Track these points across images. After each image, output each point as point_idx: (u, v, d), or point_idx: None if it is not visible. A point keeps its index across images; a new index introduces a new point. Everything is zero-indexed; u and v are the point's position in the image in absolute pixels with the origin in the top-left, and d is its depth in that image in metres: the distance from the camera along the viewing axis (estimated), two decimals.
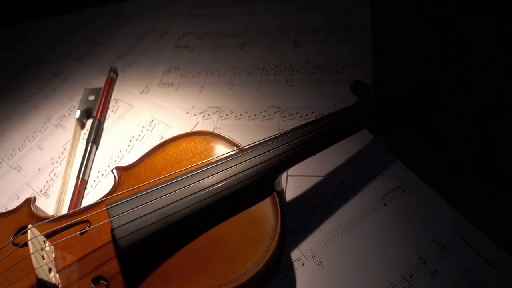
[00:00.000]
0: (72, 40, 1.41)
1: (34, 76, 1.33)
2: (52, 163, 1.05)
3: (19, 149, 1.12)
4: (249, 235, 0.69)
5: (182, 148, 0.82)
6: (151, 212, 0.69)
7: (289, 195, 0.84)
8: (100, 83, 1.18)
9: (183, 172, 0.75)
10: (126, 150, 1.02)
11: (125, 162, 0.99)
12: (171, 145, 0.84)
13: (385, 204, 0.78)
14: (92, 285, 0.67)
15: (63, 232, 0.73)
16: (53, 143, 1.10)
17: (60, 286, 0.67)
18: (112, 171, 0.81)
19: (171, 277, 0.66)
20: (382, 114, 0.82)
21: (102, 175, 0.99)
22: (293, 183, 0.85)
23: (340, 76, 1.01)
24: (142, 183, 0.76)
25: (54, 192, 0.98)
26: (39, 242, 0.68)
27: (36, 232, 0.70)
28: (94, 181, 0.98)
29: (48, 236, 0.73)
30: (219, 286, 0.64)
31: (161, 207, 0.69)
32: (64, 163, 1.04)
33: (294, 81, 1.03)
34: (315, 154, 0.78)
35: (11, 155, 1.11)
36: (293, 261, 0.76)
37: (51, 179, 1.02)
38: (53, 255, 0.70)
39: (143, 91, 1.15)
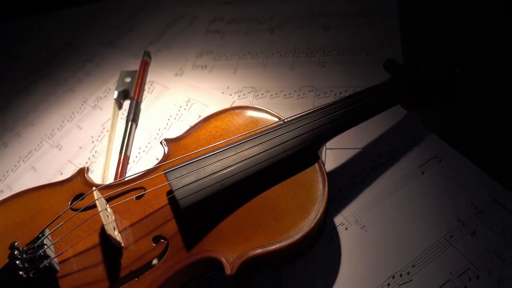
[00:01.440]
0: (102, 27, 1.46)
1: (67, 62, 1.37)
2: (93, 141, 1.09)
3: (58, 129, 1.16)
4: (299, 198, 0.73)
5: (227, 120, 0.86)
6: (208, 175, 0.73)
7: (328, 167, 0.88)
8: (134, 67, 1.22)
9: (232, 141, 0.79)
10: (165, 128, 1.06)
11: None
12: (216, 118, 0.88)
13: (423, 173, 0.83)
14: (153, 244, 0.71)
15: (120, 197, 0.78)
16: (92, 123, 1.14)
17: (122, 244, 0.71)
18: (161, 142, 0.85)
19: (227, 237, 0.70)
20: (414, 90, 0.86)
21: (143, 151, 1.03)
22: (332, 155, 0.89)
23: (371, 57, 1.05)
24: (192, 152, 0.80)
25: (97, 168, 1.02)
26: (103, 204, 0.72)
27: (99, 195, 0.74)
28: (136, 157, 1.02)
29: (107, 201, 0.77)
30: (272, 244, 0.68)
31: (217, 171, 0.73)
32: (104, 141, 1.08)
33: (326, 62, 1.08)
34: (354, 126, 0.82)
35: (51, 134, 1.15)
36: (336, 226, 0.80)
37: (93, 155, 1.06)
38: (113, 218, 0.74)
39: (177, 74, 1.19)
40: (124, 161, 1.00)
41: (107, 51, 1.35)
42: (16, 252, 0.67)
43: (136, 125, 1.09)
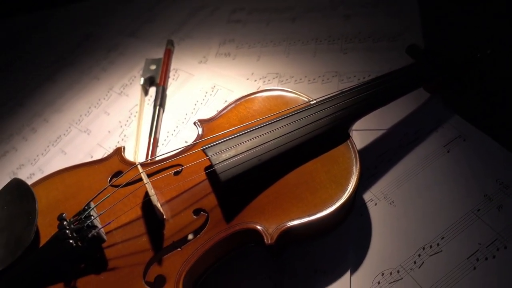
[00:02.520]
0: (123, 18, 1.49)
1: (90, 51, 1.40)
2: (121, 126, 1.12)
3: (85, 114, 1.19)
4: (332, 173, 0.76)
5: (258, 102, 0.89)
6: (246, 150, 0.76)
7: None
8: (157, 55, 1.25)
9: (264, 120, 0.82)
10: (192, 113, 1.09)
11: (191, 124, 1.07)
12: (247, 100, 0.91)
13: (448, 151, 0.86)
14: (194, 216, 0.74)
15: (158, 174, 0.80)
16: (119, 109, 1.17)
17: (165, 217, 0.74)
18: (194, 123, 0.88)
19: (265, 209, 0.73)
20: (436, 74, 0.90)
21: (172, 134, 1.06)
22: (358, 136, 0.92)
23: (392, 44, 1.08)
24: (227, 130, 0.83)
25: (127, 151, 1.04)
26: (146, 178, 0.75)
27: (142, 169, 0.77)
28: (165, 140, 1.05)
29: (148, 176, 0.80)
30: (309, 215, 0.71)
31: (255, 147, 0.76)
32: (132, 125, 1.11)
33: (348, 49, 1.11)
34: (381, 107, 0.85)
35: (79, 120, 1.18)
36: (366, 201, 0.83)
37: (122, 139, 1.09)
38: (154, 192, 0.77)
39: (201, 61, 1.22)
40: (154, 143, 1.03)
41: (130, 40, 1.38)
42: (65, 223, 0.70)
43: (163, 110, 1.12)
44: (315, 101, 0.85)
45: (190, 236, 0.73)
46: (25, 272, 0.69)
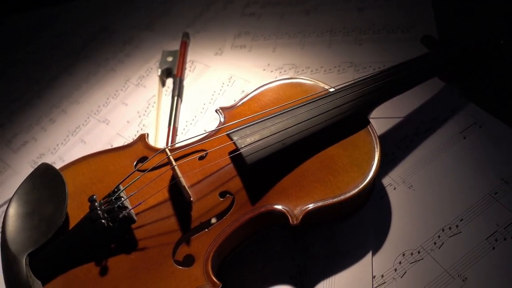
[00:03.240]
0: (138, 12, 1.51)
1: (106, 44, 1.42)
2: (140, 116, 1.14)
3: (104, 105, 1.21)
4: (354, 157, 0.78)
5: (278, 90, 0.91)
6: (270, 135, 0.78)
7: None
8: (173, 47, 1.28)
9: (287, 106, 0.84)
10: (209, 103, 1.11)
11: (210, 114, 1.09)
12: (267, 89, 0.93)
13: (464, 138, 0.88)
14: (220, 198, 0.76)
15: (183, 158, 0.82)
16: (136, 99, 1.19)
17: (192, 199, 0.76)
18: (216, 110, 0.90)
19: (289, 191, 0.75)
20: (451, 63, 0.92)
21: (191, 124, 1.08)
22: (376, 124, 0.92)
23: (406, 35, 1.10)
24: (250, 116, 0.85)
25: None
26: (174, 161, 0.77)
27: (170, 153, 0.79)
28: (184, 129, 1.07)
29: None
30: (332, 197, 0.73)
31: (278, 131, 0.79)
32: (151, 115, 1.13)
33: (363, 40, 1.13)
34: (398, 94, 0.88)
35: (97, 110, 1.20)
36: (385, 186, 0.85)
37: (141, 129, 1.11)
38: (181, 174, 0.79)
39: (216, 53, 1.24)
40: (173, 132, 1.05)
41: (145, 33, 1.40)
42: (96, 204, 0.72)
43: (181, 101, 1.14)
44: (333, 89, 0.88)
45: (216, 219, 0.75)
46: (58, 251, 0.71)
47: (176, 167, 0.74)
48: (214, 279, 0.68)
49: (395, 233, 0.79)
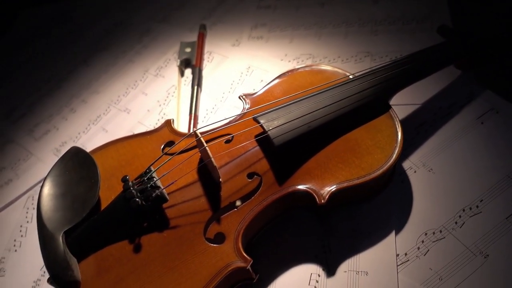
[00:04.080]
0: (153, 5, 1.53)
1: (123, 37, 1.44)
2: (160, 105, 1.17)
3: (123, 95, 1.23)
4: (377, 139, 0.80)
5: (300, 76, 0.94)
6: (296, 118, 0.81)
7: None
8: (190, 39, 1.30)
9: (309, 92, 0.87)
10: (229, 92, 1.14)
11: (229, 103, 1.12)
12: (289, 75, 0.95)
13: (482, 123, 0.90)
14: (248, 179, 0.79)
15: (211, 141, 0.85)
16: (156, 89, 1.21)
17: (221, 179, 0.78)
18: (239, 97, 0.93)
19: (315, 172, 0.78)
20: (467, 52, 0.94)
21: (211, 112, 1.10)
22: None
23: (421, 26, 1.13)
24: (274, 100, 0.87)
25: None
26: (204, 142, 0.79)
27: (199, 134, 0.81)
28: (204, 117, 1.10)
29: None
30: (357, 178, 0.76)
31: (304, 115, 0.81)
32: (171, 104, 1.15)
33: (379, 31, 1.15)
34: (417, 81, 0.90)
35: (117, 100, 1.23)
36: (405, 169, 0.88)
37: (162, 117, 1.13)
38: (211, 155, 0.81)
39: (234, 44, 1.27)
40: (194, 120, 1.07)
41: (161, 26, 1.43)
42: (129, 183, 0.75)
43: (201, 90, 1.16)
44: (352, 76, 0.90)
45: (244, 199, 0.77)
46: (93, 229, 0.73)
47: (207, 148, 0.77)
48: (245, 255, 0.70)
49: (417, 213, 0.81)
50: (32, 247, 0.97)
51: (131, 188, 0.74)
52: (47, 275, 0.88)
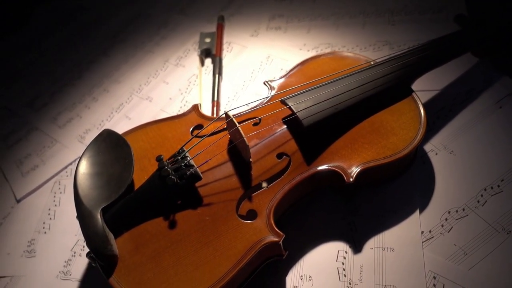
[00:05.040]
0: None
1: (141, 28, 1.47)
2: (182, 93, 1.19)
3: (145, 84, 1.26)
4: (402, 121, 0.83)
5: (322, 63, 0.97)
6: (324, 100, 0.83)
7: None
8: (209, 30, 1.33)
9: (334, 76, 0.89)
10: (249, 80, 1.16)
11: (250, 90, 1.14)
12: (311, 62, 0.98)
13: (500, 107, 0.93)
14: (277, 159, 0.81)
15: (239, 124, 0.87)
16: (177, 78, 1.24)
17: (251, 159, 0.81)
18: (264, 83, 0.96)
19: (342, 152, 0.81)
20: (483, 40, 0.97)
21: (232, 99, 1.13)
22: None
23: (438, 16, 1.16)
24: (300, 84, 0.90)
25: None
26: (236, 122, 0.82)
27: (231, 115, 0.83)
28: (226, 104, 1.13)
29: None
30: (383, 158, 0.79)
31: (331, 97, 0.84)
32: (193, 92, 1.18)
33: (396, 21, 1.18)
34: (437, 67, 0.93)
35: (139, 89, 1.25)
36: (427, 152, 0.90)
37: (184, 105, 1.16)
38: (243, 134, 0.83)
39: (252, 35, 1.30)
40: (217, 106, 1.10)
41: (179, 18, 1.45)
42: (165, 162, 0.78)
43: (222, 78, 1.19)
44: (374, 62, 0.93)
45: (274, 178, 0.80)
46: (129, 207, 0.76)
47: (239, 128, 0.79)
48: (278, 230, 0.73)
49: (440, 193, 0.84)
50: (61, 229, 0.99)
51: (166, 167, 0.77)
52: (77, 256, 0.91)
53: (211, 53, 1.25)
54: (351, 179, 0.77)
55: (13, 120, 1.30)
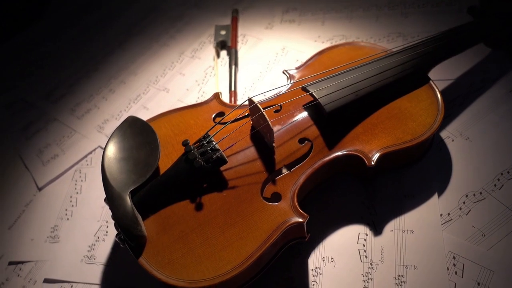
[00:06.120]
0: None
1: (156, 22, 1.49)
2: (198, 84, 1.22)
3: (161, 76, 1.28)
4: (420, 107, 0.85)
5: (340, 52, 0.99)
6: (344, 87, 0.86)
7: None
8: (223, 23, 1.35)
9: (352, 65, 0.91)
10: (265, 71, 1.19)
11: (267, 81, 1.17)
12: (329, 52, 1.00)
13: None
14: (299, 144, 0.83)
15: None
16: (193, 70, 1.26)
17: (274, 144, 0.83)
18: (283, 72, 0.98)
19: (363, 137, 0.83)
20: (495, 31, 0.99)
21: (249, 90, 1.15)
22: None
23: (450, 8, 1.18)
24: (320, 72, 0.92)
25: None
26: (261, 107, 0.84)
27: (255, 101, 0.85)
28: (243, 94, 1.15)
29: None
30: (403, 142, 0.81)
31: (351, 84, 0.86)
32: (210, 83, 1.20)
33: (409, 14, 1.20)
34: (454, 55, 0.95)
35: (156, 80, 1.28)
36: (443, 138, 0.93)
37: (201, 95, 1.18)
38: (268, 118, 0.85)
39: (267, 27, 1.32)
40: (234, 96, 1.12)
41: (193, 12, 1.48)
42: (191, 146, 0.80)
43: (238, 70, 1.21)
44: (392, 50, 0.95)
45: (297, 162, 0.82)
46: (157, 189, 0.78)
47: (264, 113, 0.81)
48: (302, 211, 0.75)
49: (457, 178, 0.86)
50: (83, 216, 1.01)
51: (193, 151, 0.79)
52: (101, 241, 0.93)
53: (227, 45, 1.27)
54: (372, 163, 0.79)
55: (31, 112, 1.32)
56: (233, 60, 1.21)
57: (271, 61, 1.20)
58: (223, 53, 1.28)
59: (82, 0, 1.71)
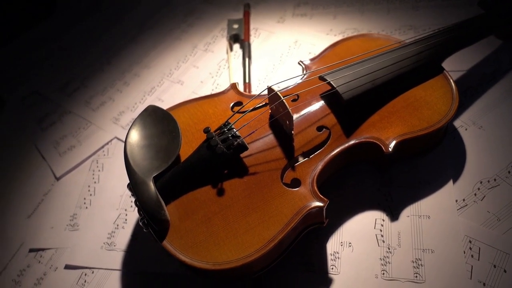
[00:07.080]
0: None
1: (168, 17, 1.51)
2: (212, 77, 1.23)
3: (175, 69, 1.30)
4: (435, 96, 0.87)
5: (354, 44, 1.01)
6: (361, 76, 0.87)
7: None
8: (236, 17, 1.37)
9: (367, 55, 0.93)
10: (278, 64, 1.20)
11: (280, 73, 1.19)
12: (343, 43, 1.02)
13: None
14: (318, 132, 0.85)
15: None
16: (207, 63, 1.28)
17: (293, 132, 0.85)
18: (299, 62, 1.00)
19: (379, 125, 0.85)
20: (506, 23, 1.01)
21: (263, 82, 1.17)
22: None
23: (461, 1, 1.20)
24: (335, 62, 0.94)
25: None
26: (281, 96, 0.86)
27: (276, 88, 0.87)
28: (257, 86, 1.17)
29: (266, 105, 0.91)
30: (419, 130, 0.83)
31: (368, 73, 0.88)
32: (223, 75, 1.22)
33: (420, 7, 1.22)
34: (467, 47, 0.97)
35: (170, 73, 1.29)
36: (457, 127, 0.94)
37: (216, 87, 1.20)
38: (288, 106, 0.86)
39: (278, 21, 1.34)
40: (249, 88, 1.14)
41: (205, 6, 1.50)
42: (213, 133, 0.81)
43: (251, 62, 1.23)
44: (406, 41, 0.97)
45: (316, 149, 0.84)
46: (179, 175, 0.80)
47: (284, 100, 0.83)
48: (322, 196, 0.77)
49: (471, 165, 0.88)
50: (102, 204, 1.03)
51: (214, 137, 0.81)
52: (121, 228, 0.95)
53: (240, 38, 1.29)
54: (389, 149, 0.81)
55: (46, 105, 1.34)
56: (247, 53, 1.23)
57: (284, 54, 1.22)
58: (236, 46, 1.30)
59: None
